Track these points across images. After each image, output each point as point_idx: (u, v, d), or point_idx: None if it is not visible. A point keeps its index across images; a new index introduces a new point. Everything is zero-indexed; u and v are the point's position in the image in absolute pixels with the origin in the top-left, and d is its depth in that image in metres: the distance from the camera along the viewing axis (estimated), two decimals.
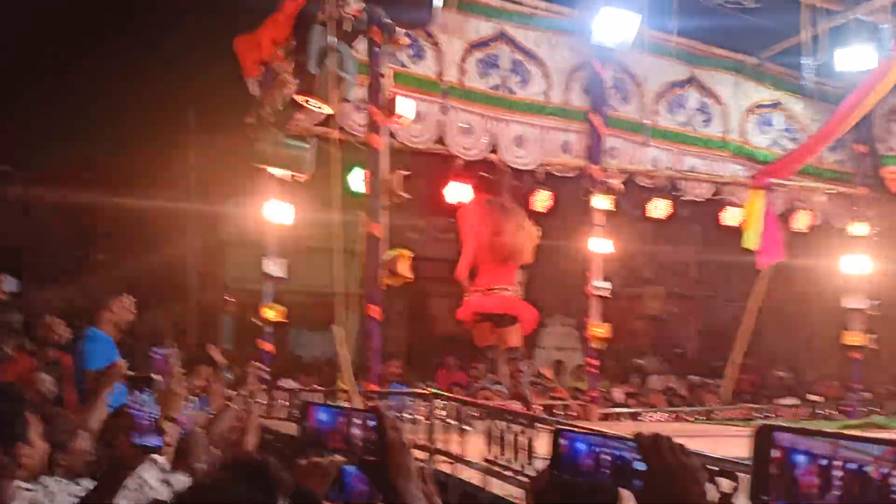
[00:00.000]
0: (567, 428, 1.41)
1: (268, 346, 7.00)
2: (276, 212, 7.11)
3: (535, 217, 7.81)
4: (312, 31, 5.56)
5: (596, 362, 7.95)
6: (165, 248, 12.23)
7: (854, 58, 7.48)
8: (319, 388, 6.71)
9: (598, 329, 7.85)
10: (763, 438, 0.95)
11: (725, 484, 1.45)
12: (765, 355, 12.53)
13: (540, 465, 3.16)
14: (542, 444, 3.33)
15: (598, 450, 1.41)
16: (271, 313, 7.13)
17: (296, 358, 11.29)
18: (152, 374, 2.71)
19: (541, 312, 12.27)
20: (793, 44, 8.44)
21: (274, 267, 7.06)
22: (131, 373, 3.13)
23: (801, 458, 0.92)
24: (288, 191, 7.18)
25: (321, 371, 9.63)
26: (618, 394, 9.22)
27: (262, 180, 7.16)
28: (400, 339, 12.35)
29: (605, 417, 7.83)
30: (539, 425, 3.22)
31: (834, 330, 9.44)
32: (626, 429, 4.26)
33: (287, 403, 6.51)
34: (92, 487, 2.21)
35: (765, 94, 8.83)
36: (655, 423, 8.01)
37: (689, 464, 1.23)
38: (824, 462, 0.89)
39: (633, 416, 8.16)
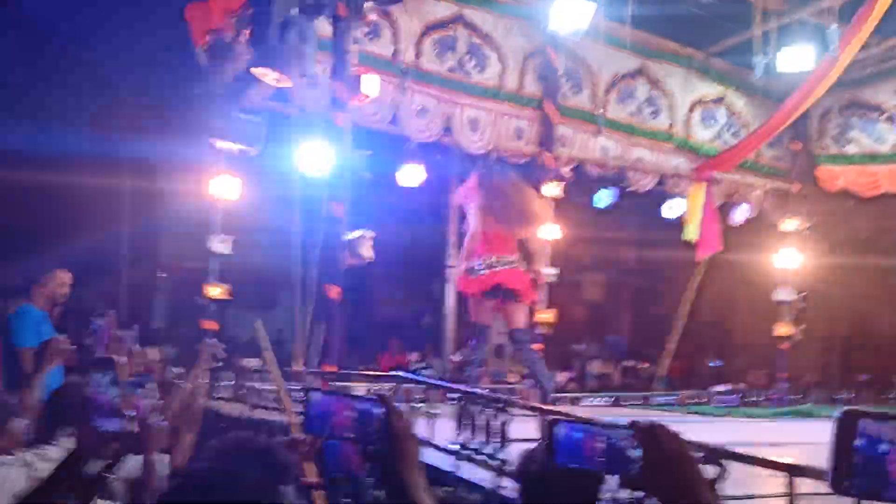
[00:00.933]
0: (562, 417, 1.42)
1: (211, 325, 6.79)
2: (224, 187, 6.88)
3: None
4: (273, 3, 5.38)
5: (541, 347, 8.04)
6: (100, 225, 11.71)
7: (796, 58, 7.74)
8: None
9: (545, 314, 7.94)
10: (846, 425, 0.95)
11: (710, 470, 1.47)
12: (697, 343, 12.96)
13: (514, 449, 3.17)
14: (515, 429, 3.33)
15: (592, 438, 1.41)
16: (215, 291, 6.91)
17: (232, 339, 11.03)
18: (113, 356, 2.58)
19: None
20: (739, 41, 8.68)
21: (220, 244, 6.84)
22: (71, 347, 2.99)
23: (882, 446, 0.93)
24: (236, 166, 6.97)
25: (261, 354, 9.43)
26: (560, 378, 9.37)
27: (210, 154, 6.93)
28: (340, 321, 12.21)
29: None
30: (512, 410, 3.23)
31: (764, 320, 9.83)
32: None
33: (232, 384, 6.35)
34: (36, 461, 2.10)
35: (710, 88, 9.06)
36: (594, 407, 8.18)
37: (686, 451, 1.25)
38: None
39: (573, 402, 8.31)
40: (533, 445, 1.95)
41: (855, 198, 9.45)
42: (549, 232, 8.00)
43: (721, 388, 9.88)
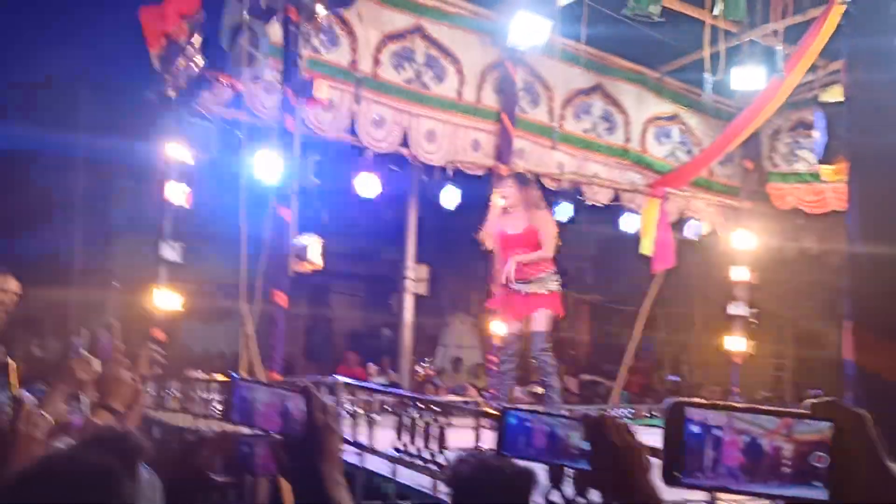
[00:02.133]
0: (513, 407, 1.41)
1: (159, 335, 6.68)
2: (175, 193, 6.80)
3: (444, 214, 7.83)
4: (226, 6, 5.34)
5: (497, 360, 8.04)
6: (47, 231, 11.46)
7: (747, 78, 7.91)
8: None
9: (499, 327, 7.93)
10: (675, 415, 0.96)
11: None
12: (655, 358, 13.09)
13: (451, 454, 3.14)
14: (453, 434, 3.31)
15: (542, 429, 1.41)
16: (165, 301, 6.81)
17: (186, 349, 10.85)
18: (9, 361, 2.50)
19: (443, 310, 12.36)
20: (691, 61, 8.86)
21: (171, 251, 6.75)
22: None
23: (710, 433, 0.95)
24: (187, 172, 6.90)
25: (212, 365, 9.30)
26: (517, 393, 9.37)
27: (159, 160, 6.85)
28: (298, 333, 12.10)
29: None
30: (450, 415, 3.21)
31: (719, 336, 9.98)
32: None
33: (179, 394, 6.22)
34: None
35: (664, 107, 9.22)
36: None
37: (633, 444, 1.24)
38: (732, 435, 0.93)
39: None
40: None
41: (804, 215, 9.67)
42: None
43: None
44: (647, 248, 8.90)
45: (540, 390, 10.91)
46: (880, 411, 1.92)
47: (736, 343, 9.52)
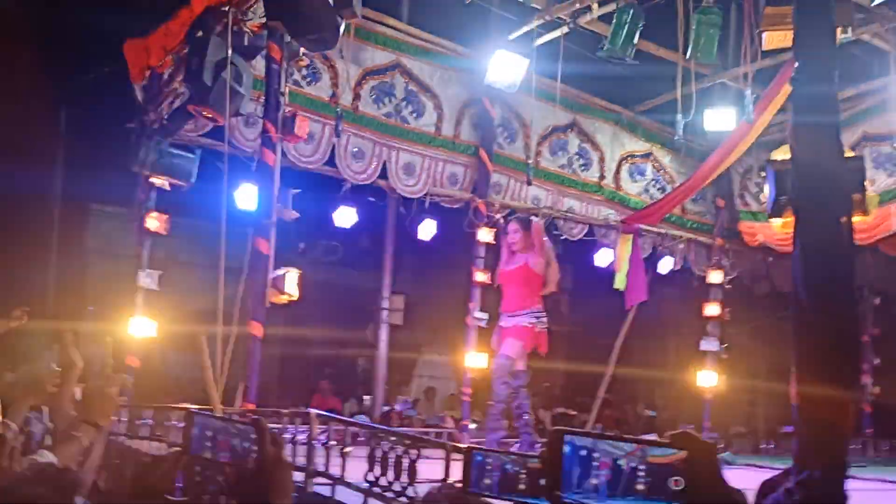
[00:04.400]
0: (479, 448, 1.52)
1: (134, 361, 6.67)
2: (153, 221, 6.85)
3: (421, 245, 7.92)
4: (209, 43, 5.44)
5: (469, 391, 8.11)
6: (24, 255, 11.37)
7: (719, 118, 8.18)
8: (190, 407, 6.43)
9: (474, 359, 8.02)
10: (555, 441, 1.08)
11: None
12: (629, 393, 13.18)
13: (421, 487, 3.20)
14: (425, 467, 3.38)
15: (498, 466, 1.52)
16: (140, 327, 6.81)
17: (161, 377, 10.76)
18: None
19: (418, 342, 12.40)
20: (664, 101, 9.12)
21: (147, 279, 6.77)
22: None
23: (585, 455, 1.08)
24: (167, 201, 6.96)
25: (185, 392, 9.26)
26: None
27: (140, 188, 6.91)
28: (273, 362, 12.05)
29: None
30: (422, 448, 3.27)
31: (691, 371, 10.11)
32: None
33: (151, 422, 6.20)
34: None
35: (638, 144, 9.45)
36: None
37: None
38: (603, 459, 1.07)
39: (503, 445, 8.34)
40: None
41: (774, 253, 9.89)
42: (481, 277, 8.14)
43: (649, 437, 10.07)
44: (620, 282, 9.04)
45: (571, 412, 11.09)
46: (824, 454, 2.03)
47: (708, 378, 9.65)
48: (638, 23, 7.40)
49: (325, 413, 4.03)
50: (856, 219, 2.25)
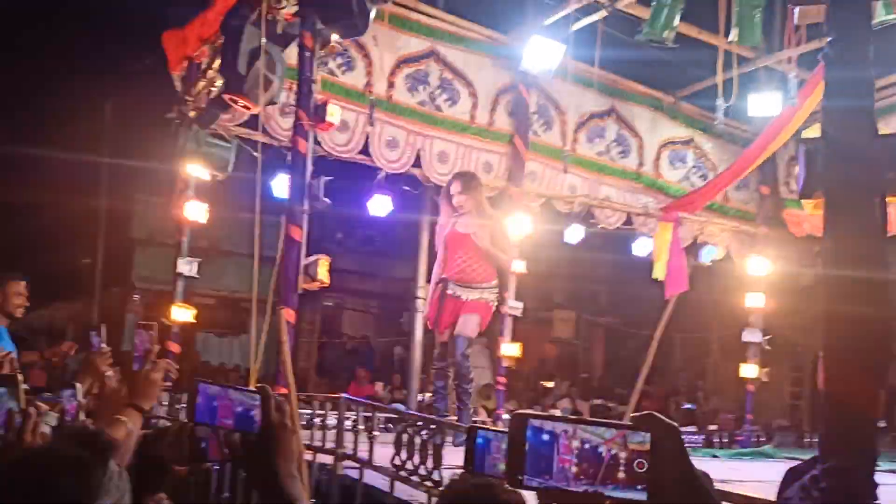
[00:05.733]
0: (481, 427, 1.51)
1: (174, 347, 6.80)
2: (192, 211, 6.96)
3: None
4: (244, 32, 5.49)
5: (504, 380, 8.07)
6: (73, 244, 11.72)
7: (763, 104, 7.94)
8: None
9: (509, 348, 7.98)
10: (518, 424, 1.06)
11: None
12: (669, 384, 13.00)
13: (447, 471, 3.20)
14: (451, 453, 3.37)
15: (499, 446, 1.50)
16: (180, 313, 6.94)
17: (202, 363, 10.99)
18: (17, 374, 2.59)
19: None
20: (706, 86, 8.90)
21: (187, 266, 6.89)
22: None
23: (549, 440, 1.05)
24: (205, 190, 7.06)
25: (227, 378, 9.42)
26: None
27: (179, 178, 7.02)
28: (311, 350, 12.20)
29: None
30: (447, 432, 3.27)
31: (733, 362, 9.91)
32: None
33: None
34: None
35: (678, 131, 9.26)
36: None
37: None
38: (568, 443, 1.03)
39: None
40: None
41: (821, 242, 9.60)
42: (516, 266, 8.08)
43: (688, 429, 9.93)
44: (659, 272, 8.89)
45: (609, 403, 10.82)
46: (852, 443, 1.95)
47: (751, 370, 9.45)
48: (678, 5, 7.23)
49: (353, 398, 4.05)
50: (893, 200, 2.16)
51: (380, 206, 7.82)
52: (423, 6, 7.78)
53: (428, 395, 8.79)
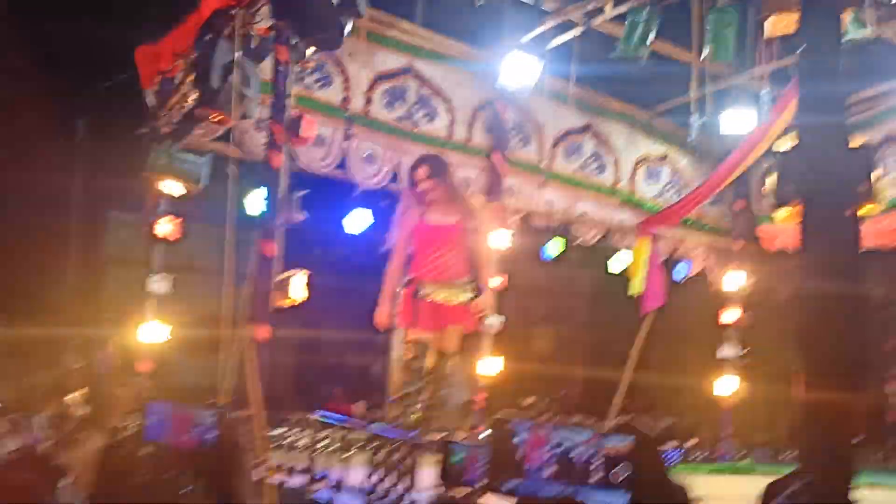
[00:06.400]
0: (457, 441, 1.48)
1: (146, 367, 6.68)
2: (165, 227, 6.87)
3: None
4: (217, 46, 5.45)
5: (483, 397, 8.02)
6: (43, 262, 11.49)
7: (736, 120, 8.04)
8: None
9: (488, 365, 7.93)
10: (501, 429, 1.04)
11: None
12: (647, 400, 12.99)
13: (422, 492, 3.14)
14: (426, 472, 3.30)
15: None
16: (151, 333, 6.82)
17: (174, 382, 10.78)
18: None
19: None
20: (681, 103, 9.00)
21: (159, 284, 6.79)
22: None
23: (527, 443, 1.04)
24: (178, 206, 6.98)
25: (198, 397, 9.25)
26: None
27: (151, 194, 6.93)
28: (287, 370, 12.05)
29: None
30: (421, 453, 3.21)
31: (710, 378, 9.93)
32: None
33: None
34: None
35: (654, 147, 9.33)
36: None
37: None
38: (546, 446, 1.03)
39: None
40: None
41: (794, 257, 9.69)
42: (495, 281, 8.04)
43: (667, 444, 9.92)
44: (636, 287, 8.91)
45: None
46: (829, 458, 1.93)
47: (727, 386, 9.48)
48: (652, 23, 7.30)
49: (326, 418, 3.98)
50: (864, 210, 2.15)
51: (358, 221, 7.78)
52: (400, 22, 7.80)
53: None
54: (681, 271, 9.51)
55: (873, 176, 5.93)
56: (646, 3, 7.30)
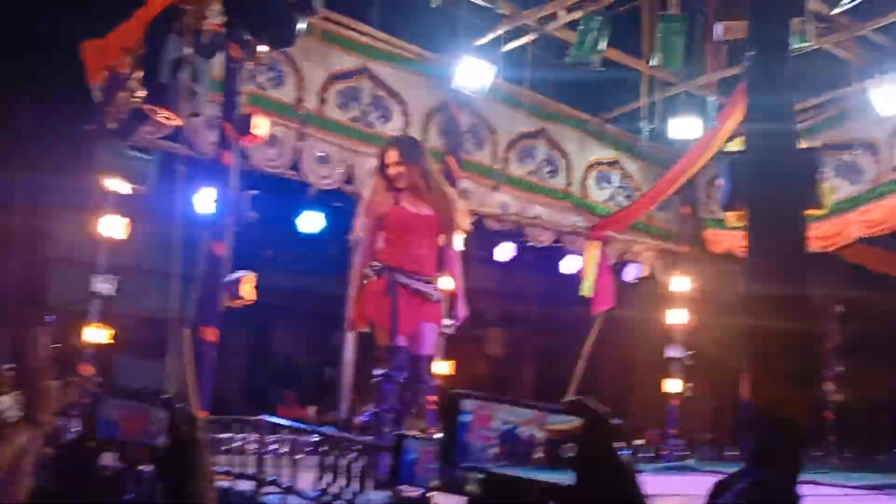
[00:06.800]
0: (410, 435, 1.47)
1: (88, 370, 6.49)
2: (110, 227, 6.69)
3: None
4: (167, 41, 5.34)
5: (435, 398, 8.01)
6: None
7: (684, 127, 8.23)
8: None
9: (441, 366, 7.92)
10: (450, 407, 1.05)
11: None
12: (598, 400, 13.15)
13: (375, 495, 3.12)
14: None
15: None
16: (95, 335, 6.64)
17: (120, 384, 10.53)
18: None
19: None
20: (631, 109, 9.18)
21: (104, 285, 6.60)
22: None
23: (473, 422, 1.05)
24: (124, 205, 6.81)
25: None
26: None
27: (97, 193, 6.75)
28: (237, 370, 11.87)
29: None
30: (374, 454, 3.19)
31: (659, 378, 10.12)
32: None
33: None
34: None
35: (605, 152, 9.47)
36: None
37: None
38: (493, 425, 1.04)
39: None
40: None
41: (739, 261, 9.95)
42: (447, 284, 8.05)
43: (615, 445, 10.07)
44: (587, 289, 9.04)
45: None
46: (776, 456, 1.99)
47: (674, 385, 9.68)
48: (604, 30, 7.43)
49: (272, 420, 3.93)
50: (812, 212, 2.23)
51: (310, 222, 7.70)
52: (355, 23, 7.76)
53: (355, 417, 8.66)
54: (630, 274, 9.68)
55: (819, 178, 6.11)
56: (598, 11, 7.42)
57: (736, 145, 6.58)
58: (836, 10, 6.71)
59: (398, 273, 4.40)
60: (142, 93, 6.05)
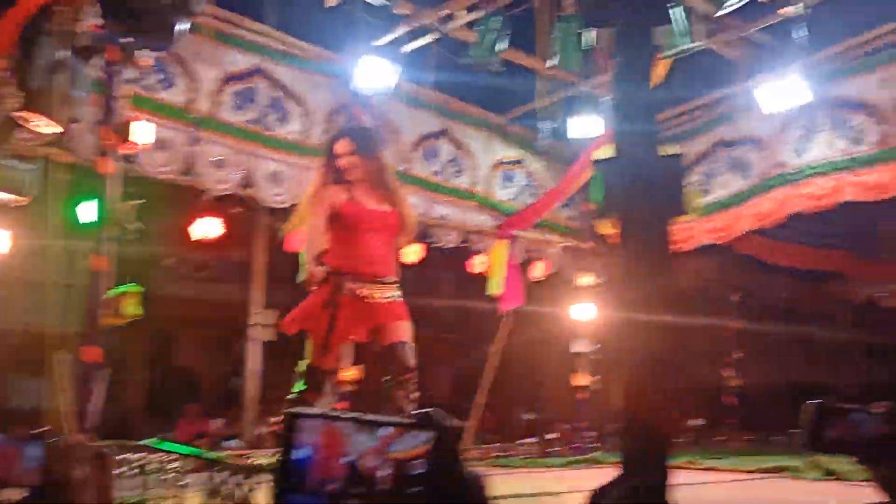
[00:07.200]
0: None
1: None
2: None
3: (288, 256, 7.63)
4: (42, 44, 5.01)
5: (345, 405, 7.90)
6: None
7: (582, 126, 8.39)
8: None
9: (349, 372, 7.81)
10: (289, 428, 1.00)
11: None
12: (509, 396, 13.32)
13: None
14: (263, 496, 3.17)
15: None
16: None
17: (7, 411, 9.91)
18: None
19: (296, 358, 12.04)
20: (535, 107, 9.28)
21: None
22: None
23: (316, 448, 1.01)
24: (4, 216, 6.38)
25: (39, 422, 8.54)
26: None
27: None
28: (138, 387, 11.39)
29: None
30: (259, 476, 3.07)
31: (568, 372, 10.31)
32: None
33: None
34: None
35: (509, 151, 9.56)
36: None
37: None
38: (332, 451, 1.00)
39: None
40: None
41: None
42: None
43: (529, 439, 10.21)
44: (494, 288, 9.10)
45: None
46: (648, 465, 2.01)
47: (581, 379, 9.88)
48: (503, 31, 7.47)
49: (162, 443, 3.74)
50: (682, 217, 2.26)
51: (206, 228, 7.44)
52: (249, 22, 7.54)
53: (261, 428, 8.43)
54: (537, 271, 9.80)
55: (684, 181, 6.34)
56: (496, 11, 7.45)
57: (604, 152, 6.75)
58: (722, 12, 6.96)
59: (348, 278, 3.91)
60: (15, 99, 5.69)
